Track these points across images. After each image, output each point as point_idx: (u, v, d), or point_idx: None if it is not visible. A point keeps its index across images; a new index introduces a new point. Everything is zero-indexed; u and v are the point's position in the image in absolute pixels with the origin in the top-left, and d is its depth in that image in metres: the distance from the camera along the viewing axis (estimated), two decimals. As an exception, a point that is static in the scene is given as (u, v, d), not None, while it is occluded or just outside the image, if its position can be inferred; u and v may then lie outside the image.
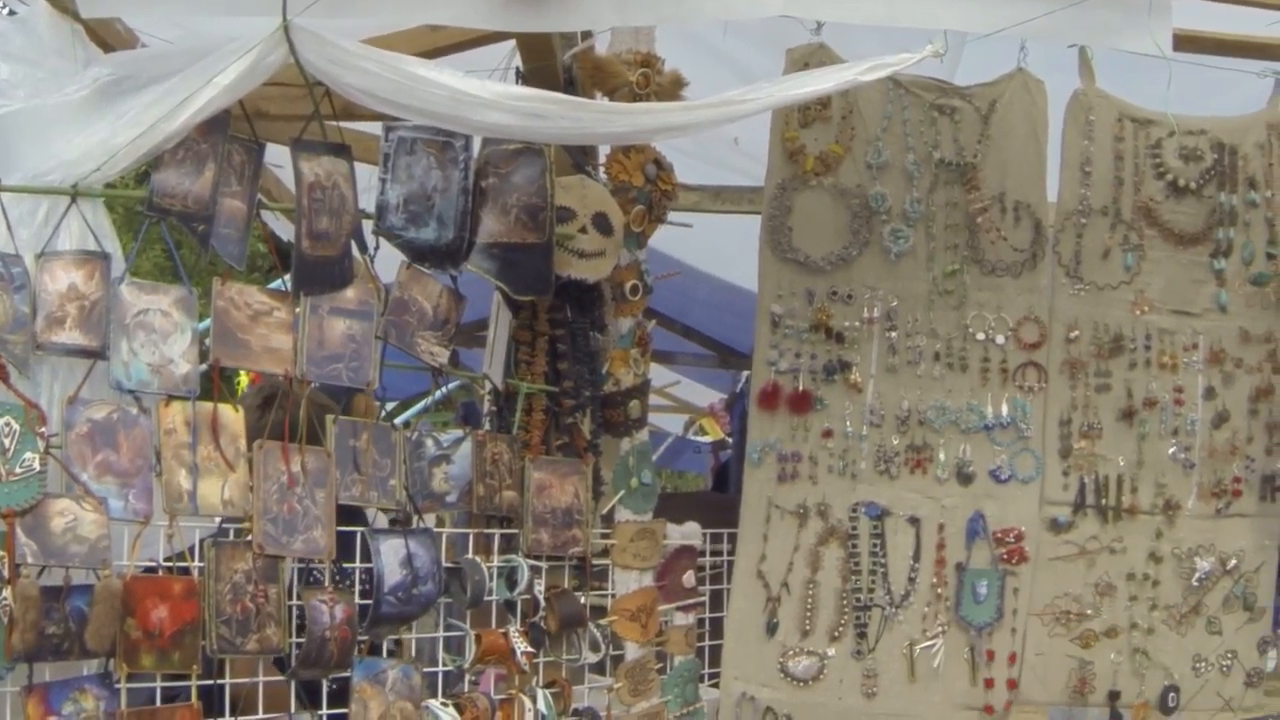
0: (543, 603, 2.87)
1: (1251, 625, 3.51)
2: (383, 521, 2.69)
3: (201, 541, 2.33)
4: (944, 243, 3.26)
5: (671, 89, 3.02)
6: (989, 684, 3.30)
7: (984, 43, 2.96)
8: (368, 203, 2.61)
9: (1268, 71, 3.45)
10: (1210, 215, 3.42)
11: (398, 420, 3.92)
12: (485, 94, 2.44)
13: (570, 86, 3.04)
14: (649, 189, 3.09)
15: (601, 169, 3.10)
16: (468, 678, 2.76)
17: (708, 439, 8.06)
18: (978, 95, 3.29)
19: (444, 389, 3.10)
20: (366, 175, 2.63)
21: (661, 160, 3.12)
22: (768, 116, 3.23)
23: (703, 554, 3.38)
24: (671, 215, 3.22)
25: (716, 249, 4.44)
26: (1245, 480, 3.47)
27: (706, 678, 3.42)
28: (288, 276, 2.46)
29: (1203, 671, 3.46)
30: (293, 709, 2.42)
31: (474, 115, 2.46)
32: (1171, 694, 3.45)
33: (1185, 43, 3.10)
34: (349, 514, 2.53)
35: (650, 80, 2.98)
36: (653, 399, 7.41)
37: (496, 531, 2.81)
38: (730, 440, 6.31)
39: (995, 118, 3.28)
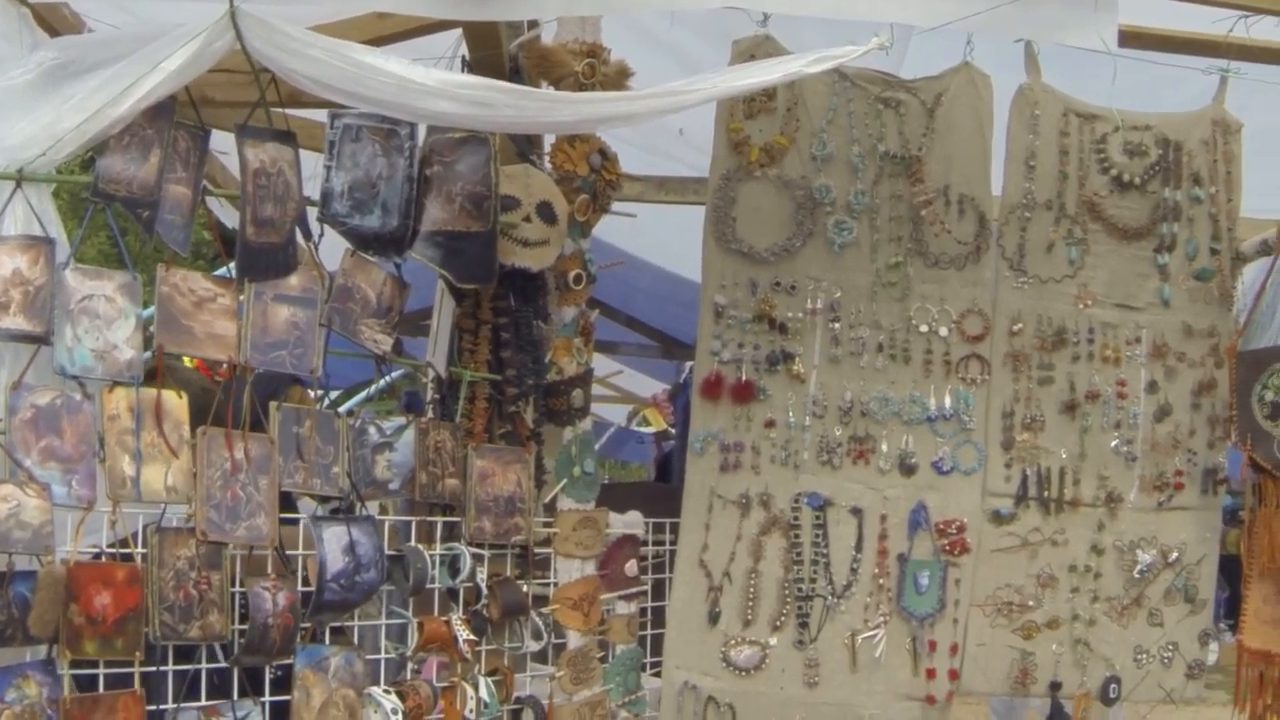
0: (485, 591, 3.06)
1: (1193, 617, 3.78)
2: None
3: (145, 528, 2.46)
4: (888, 235, 3.49)
5: (617, 79, 3.22)
6: (930, 674, 3.54)
7: (930, 37, 3.21)
8: (313, 190, 2.78)
9: (1214, 69, 3.69)
10: (1154, 210, 3.67)
11: (341, 408, 4.11)
12: (431, 82, 2.61)
13: (516, 75, 3.22)
14: (593, 179, 3.30)
15: (547, 158, 3.30)
16: (410, 665, 2.94)
17: (651, 429, 8.37)
18: (923, 89, 3.52)
19: (388, 377, 3.29)
20: (312, 162, 2.81)
21: (606, 150, 3.32)
22: (713, 108, 3.44)
23: (645, 543, 3.59)
24: (616, 205, 3.43)
25: (661, 239, 4.67)
26: (1187, 473, 3.73)
27: (648, 666, 3.64)
28: (233, 263, 2.63)
29: (1144, 663, 3.72)
30: (235, 696, 2.58)
31: (419, 103, 2.63)
32: (1113, 685, 3.70)
33: (1131, 39, 3.37)
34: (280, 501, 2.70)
35: (596, 70, 3.17)
36: (596, 389, 7.77)
37: (439, 519, 3.00)
38: (673, 430, 6.57)
39: (940, 111, 3.51)
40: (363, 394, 5.56)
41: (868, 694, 3.52)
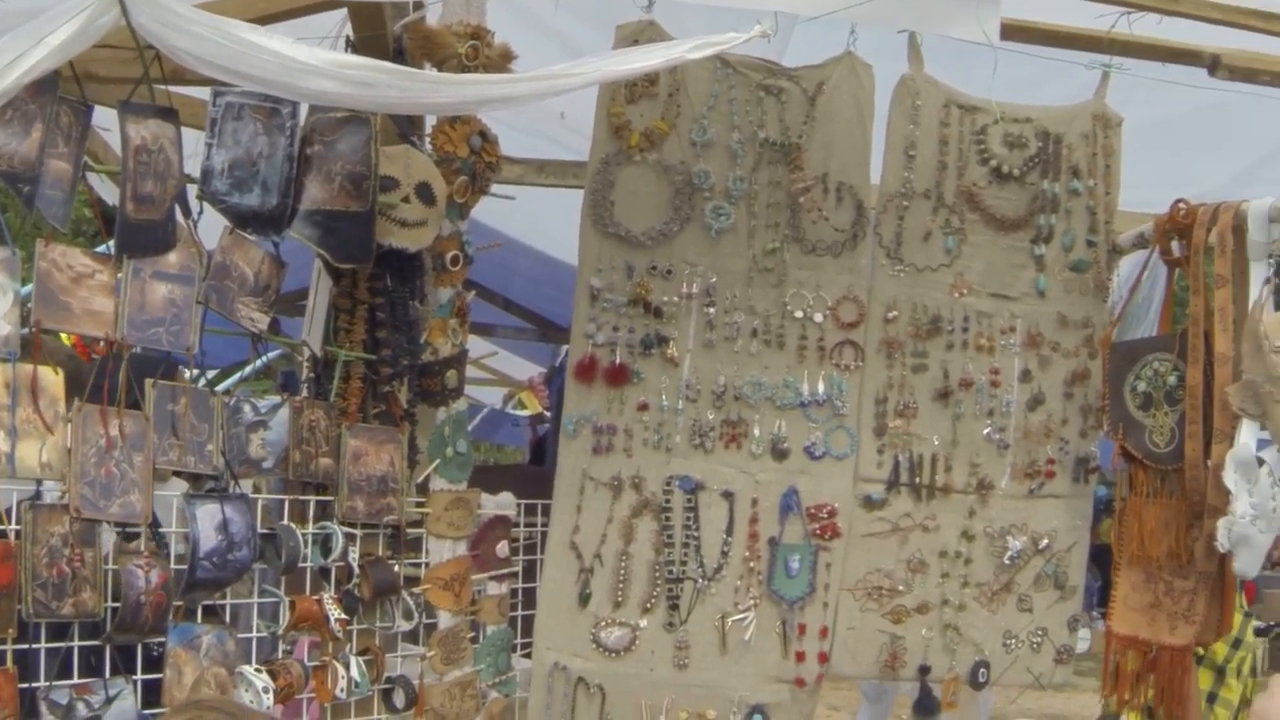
0: (357, 570, 3.53)
1: (1062, 604, 4.45)
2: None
3: (19, 504, 2.73)
4: (765, 221, 4.08)
5: (500, 62, 3.70)
6: (800, 657, 4.15)
7: (814, 26, 3.81)
8: (193, 167, 3.19)
9: (1096, 64, 4.31)
10: (1032, 202, 4.30)
11: (220, 387, 4.58)
12: (314, 61, 3.00)
13: (400, 56, 3.68)
14: (473, 160, 3.81)
15: (428, 140, 3.83)
16: (281, 644, 3.40)
17: (527, 413, 9.10)
18: (805, 77, 4.11)
19: (265, 357, 3.80)
20: (195, 140, 3.24)
21: (487, 132, 3.84)
22: (594, 92, 3.97)
23: (517, 525, 4.15)
24: (495, 187, 3.95)
25: (540, 223, 5.25)
26: (1059, 462, 4.39)
27: (519, 647, 4.20)
28: (112, 240, 3.03)
29: (1013, 648, 4.38)
30: (108, 674, 2.89)
31: (301, 82, 3.02)
32: (982, 669, 4.36)
33: (1015, 32, 3.96)
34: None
35: (479, 53, 3.64)
36: (472, 371, 8.54)
37: (312, 498, 3.48)
38: (549, 414, 7.22)
39: (822, 100, 4.10)
40: (242, 373, 6.08)
41: (737, 676, 4.12)
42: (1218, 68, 4.15)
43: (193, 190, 3.19)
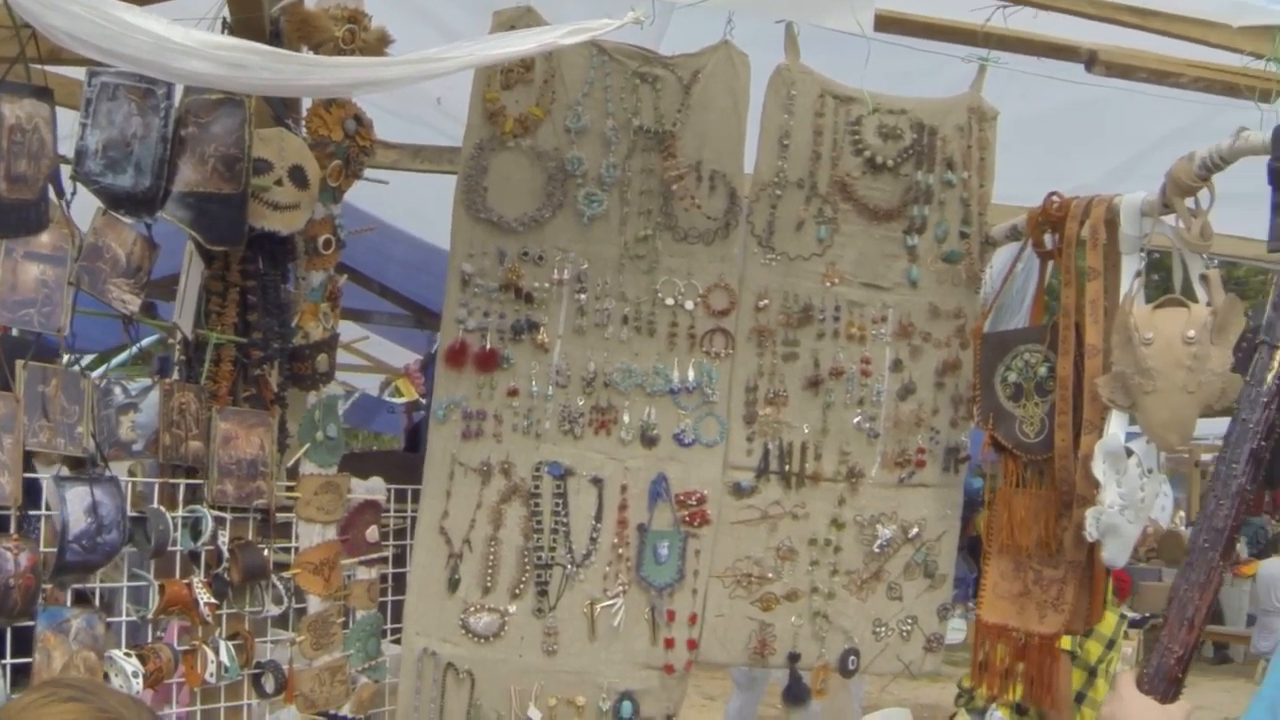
0: (226, 554, 3.83)
1: (932, 592, 4.92)
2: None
3: None
4: (638, 208, 4.48)
5: (377, 46, 4.04)
6: (669, 644, 4.57)
7: (692, 15, 4.14)
8: (67, 148, 3.47)
9: (972, 57, 4.72)
10: (906, 193, 4.73)
11: (96, 372, 4.88)
12: (188, 42, 3.23)
13: (276, 39, 3.97)
14: (347, 144, 4.19)
15: (303, 123, 4.19)
16: (151, 628, 3.71)
17: (403, 400, 9.61)
18: (681, 65, 4.51)
19: (141, 342, 4.09)
20: (69, 120, 3.52)
21: (362, 116, 4.21)
22: (471, 78, 4.35)
23: (387, 510, 4.53)
24: (369, 172, 4.33)
25: (416, 209, 5.64)
26: (929, 451, 4.85)
27: (389, 633, 4.58)
28: None
29: (883, 636, 4.84)
30: None
31: (175, 63, 3.24)
32: (851, 657, 4.82)
33: (890, 24, 4.33)
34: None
35: (356, 36, 3.98)
36: (349, 358, 9.06)
37: (182, 481, 3.79)
38: (424, 401, 7.68)
39: (697, 88, 4.50)
40: (120, 358, 6.39)
41: (606, 662, 4.51)
42: (1094, 63, 4.49)
43: (66, 171, 3.48)
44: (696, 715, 10.82)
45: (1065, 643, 4.90)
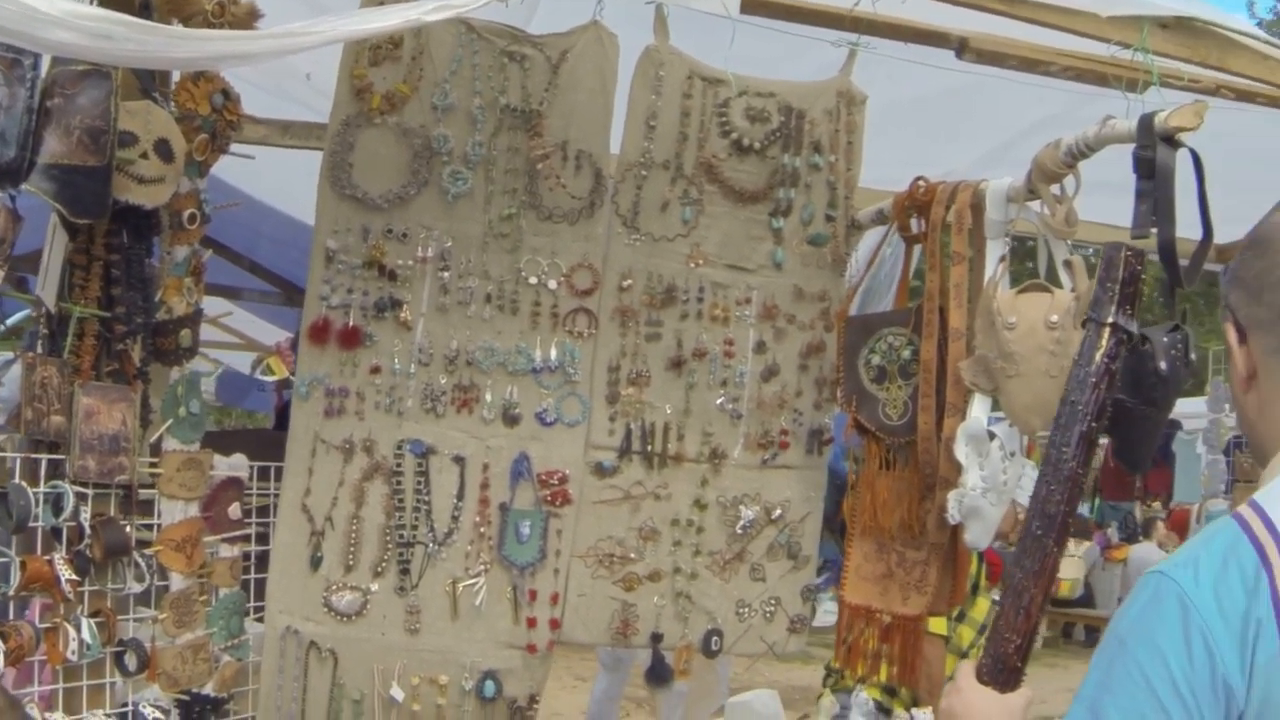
0: (88, 530, 3.94)
1: (795, 573, 5.41)
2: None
3: None
4: (503, 187, 4.89)
5: (246, 20, 4.36)
6: (531, 623, 4.99)
7: (564, -7, 4.61)
8: None
9: (841, 41, 5.17)
10: (772, 175, 5.19)
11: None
12: (54, 11, 3.40)
13: (146, 11, 4.20)
14: (214, 118, 4.52)
15: (171, 97, 4.53)
16: (13, 606, 3.99)
17: (274, 378, 10.12)
18: (549, 44, 4.92)
19: (10, 319, 4.39)
20: None
21: (230, 91, 4.55)
22: (340, 54, 4.75)
23: (250, 487, 4.90)
24: (236, 147, 4.66)
25: (286, 185, 6.05)
26: (793, 433, 5.34)
27: (253, 611, 4.94)
28: None
29: (746, 617, 5.32)
30: None
31: (41, 32, 3.40)
32: (715, 638, 5.28)
33: (758, 6, 4.74)
34: None
35: (226, 10, 4.29)
36: (220, 335, 9.54)
37: (44, 456, 4.05)
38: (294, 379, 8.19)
39: (565, 68, 4.92)
40: (-5, 333, 6.74)
41: (469, 641, 4.91)
42: (965, 50, 4.94)
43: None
44: (568, 696, 11.34)
45: (940, 627, 5.40)
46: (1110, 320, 3.07)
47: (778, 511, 5.35)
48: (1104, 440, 5.06)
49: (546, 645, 5.06)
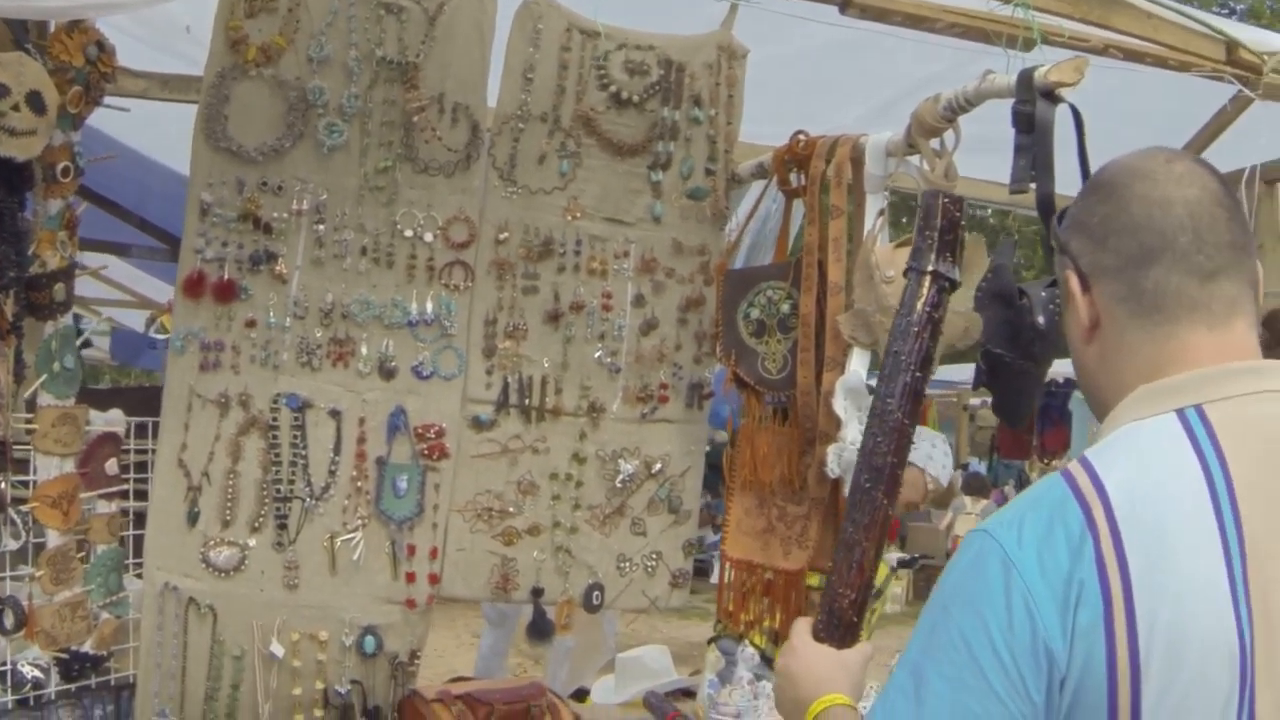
0: None
1: (677, 528, 5.87)
2: None
3: None
4: (378, 139, 5.29)
5: None
6: (410, 578, 5.40)
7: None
8: None
9: None
10: (651, 128, 5.62)
11: None
12: None
13: None
14: (88, 70, 4.90)
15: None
16: None
17: (167, 336, 10.64)
18: (427, -4, 5.38)
19: None
20: None
21: (104, 42, 4.91)
22: (215, 5, 5.11)
23: (128, 444, 5.29)
24: (113, 100, 5.04)
25: (175, 141, 6.40)
26: (672, 387, 5.78)
27: (132, 568, 5.33)
28: None
29: (627, 571, 5.77)
30: None
31: None
32: (596, 592, 5.72)
33: None
34: None
35: None
36: (112, 293, 10.06)
37: None
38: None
39: (442, 20, 5.29)
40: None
41: (348, 597, 5.31)
42: (849, 6, 5.32)
43: None
44: (466, 654, 11.80)
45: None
46: (930, 268, 3.42)
47: (658, 466, 5.79)
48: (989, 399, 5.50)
49: (426, 600, 5.45)
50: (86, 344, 14.05)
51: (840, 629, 3.01)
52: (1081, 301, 2.40)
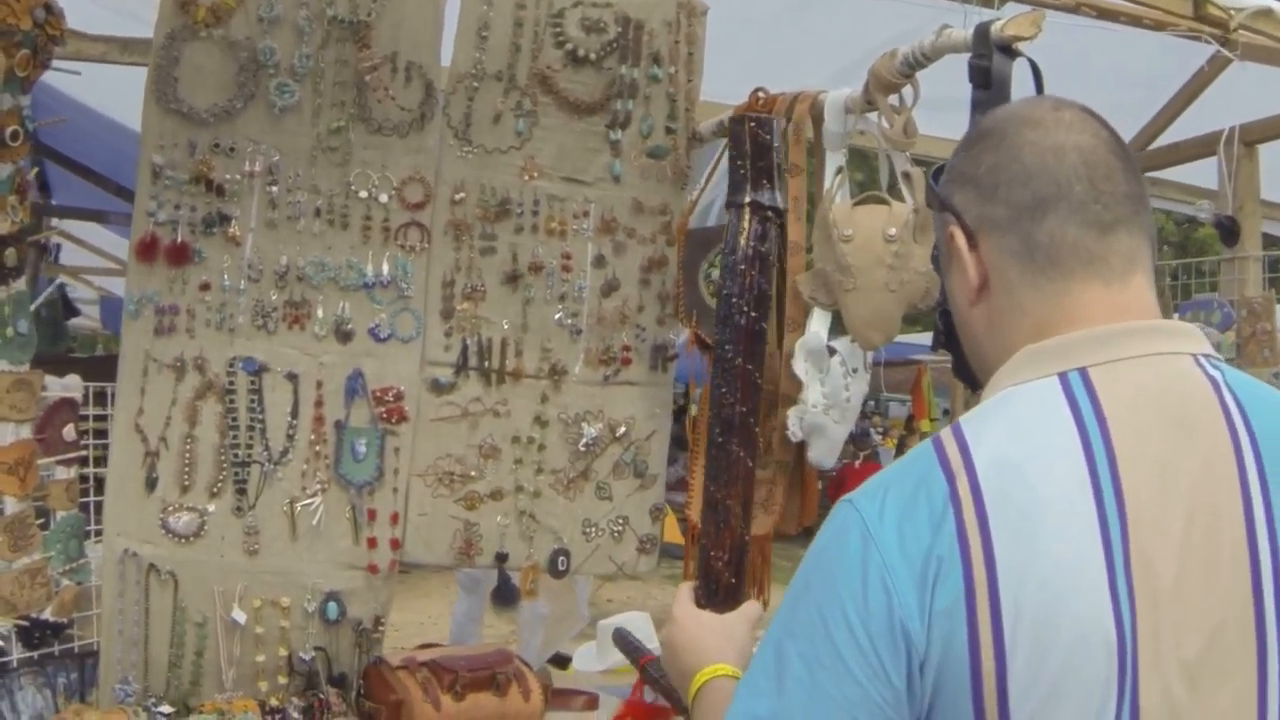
0: None
1: (643, 492, 5.84)
2: None
3: None
4: (331, 99, 5.26)
5: None
6: (371, 543, 5.39)
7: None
8: None
9: None
10: (609, 87, 5.59)
11: None
12: None
13: None
14: (36, 33, 4.89)
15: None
16: None
17: None
18: (377, -45, 5.36)
19: None
20: None
21: (53, 5, 4.87)
22: None
23: (86, 409, 5.29)
24: (63, 63, 5.05)
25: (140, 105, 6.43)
26: (635, 349, 5.75)
27: (93, 534, 5.34)
28: None
29: (593, 536, 5.75)
30: None
31: None
32: (561, 558, 5.71)
33: None
34: None
35: None
36: (96, 260, 10.10)
37: None
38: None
39: None
40: None
41: (310, 562, 5.30)
42: None
43: None
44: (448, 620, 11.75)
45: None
46: (747, 200, 3.35)
47: (622, 429, 5.77)
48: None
49: (389, 565, 5.44)
50: (75, 312, 14.12)
51: (720, 593, 2.99)
52: (969, 259, 2.25)
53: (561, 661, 7.91)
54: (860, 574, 1.96)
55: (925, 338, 18.43)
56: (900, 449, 25.49)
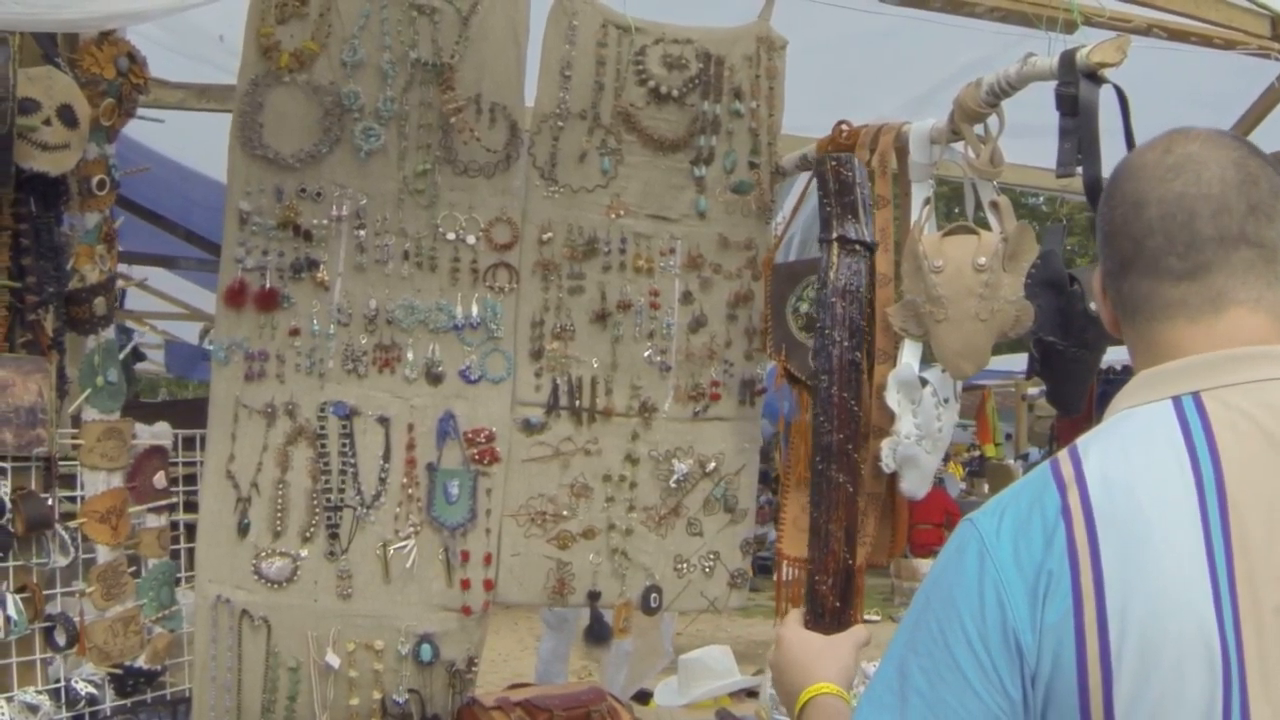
0: (9, 505, 4.15)
1: (733, 527, 5.67)
2: None
3: None
4: (416, 142, 5.12)
5: None
6: (465, 585, 5.23)
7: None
8: None
9: None
10: (692, 123, 5.45)
11: None
12: None
13: None
14: (120, 82, 4.78)
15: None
16: None
17: None
18: (459, -3, 5.21)
19: None
20: None
21: (135, 54, 4.78)
22: (245, 12, 4.98)
23: (175, 456, 5.15)
24: (148, 111, 4.94)
25: (212, 150, 6.27)
26: (724, 384, 5.60)
27: (184, 581, 5.19)
28: None
29: (685, 572, 5.58)
30: None
31: None
32: (654, 594, 5.54)
33: None
34: None
35: None
36: (164, 306, 10.01)
37: None
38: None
39: (476, 20, 5.15)
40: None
41: (403, 605, 5.15)
42: None
43: None
44: (527, 659, 11.73)
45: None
46: (835, 236, 3.24)
47: (712, 464, 5.60)
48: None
49: (482, 606, 5.28)
50: (140, 357, 14.04)
51: (825, 616, 3.00)
52: (1103, 304, 2.32)
53: (643, 697, 7.71)
54: (977, 588, 1.99)
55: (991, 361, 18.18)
56: (972, 478, 25.25)
